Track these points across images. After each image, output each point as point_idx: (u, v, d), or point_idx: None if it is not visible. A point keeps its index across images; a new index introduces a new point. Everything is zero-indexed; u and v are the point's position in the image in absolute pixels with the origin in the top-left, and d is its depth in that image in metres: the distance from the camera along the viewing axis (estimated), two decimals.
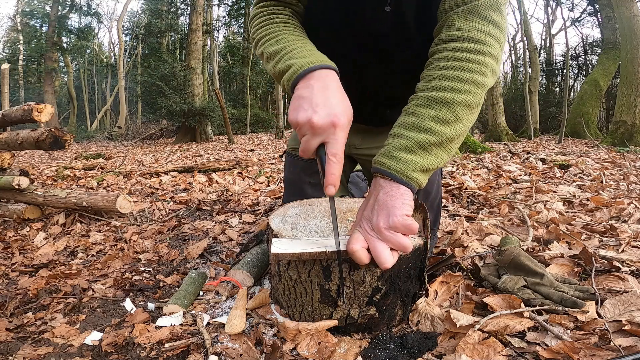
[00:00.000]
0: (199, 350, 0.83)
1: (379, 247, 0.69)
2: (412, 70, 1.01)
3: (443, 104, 0.72)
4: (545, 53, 20.53)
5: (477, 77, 0.74)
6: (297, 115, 0.69)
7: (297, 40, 0.83)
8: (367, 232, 0.71)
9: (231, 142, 10.50)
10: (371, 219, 0.71)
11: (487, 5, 0.76)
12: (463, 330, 0.77)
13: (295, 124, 0.70)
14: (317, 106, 0.68)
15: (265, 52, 0.85)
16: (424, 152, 0.72)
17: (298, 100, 0.71)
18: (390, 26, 0.89)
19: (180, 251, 1.55)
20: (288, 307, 0.88)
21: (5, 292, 1.25)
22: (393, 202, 0.69)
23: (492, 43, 0.76)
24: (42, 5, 21.09)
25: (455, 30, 0.76)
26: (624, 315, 0.79)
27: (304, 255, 0.74)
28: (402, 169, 0.71)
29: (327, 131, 0.68)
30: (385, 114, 1.12)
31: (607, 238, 1.33)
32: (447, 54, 0.75)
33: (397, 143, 0.73)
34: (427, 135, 0.72)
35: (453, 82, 0.73)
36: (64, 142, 2.07)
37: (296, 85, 0.74)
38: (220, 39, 25.72)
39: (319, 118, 0.67)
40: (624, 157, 4.20)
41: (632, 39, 6.69)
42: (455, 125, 0.73)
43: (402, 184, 0.71)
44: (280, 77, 0.80)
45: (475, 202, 2.11)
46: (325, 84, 0.72)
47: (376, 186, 0.74)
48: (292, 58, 0.77)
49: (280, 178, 3.26)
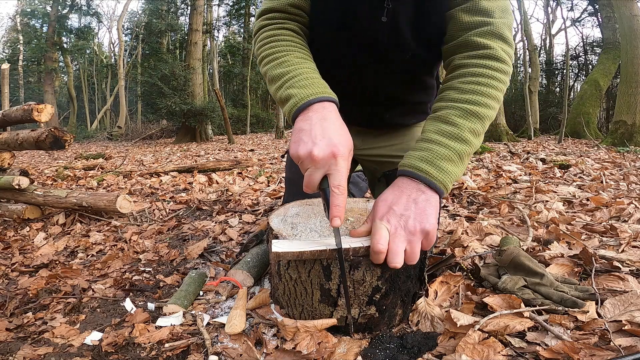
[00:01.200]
0: (199, 350, 0.83)
1: (401, 247, 0.70)
2: (410, 70, 1.03)
3: (477, 117, 0.78)
4: (545, 53, 20.55)
5: (499, 95, 0.81)
6: (298, 148, 0.71)
7: (301, 64, 0.85)
8: (397, 230, 0.71)
9: (231, 142, 10.50)
10: (408, 219, 0.71)
11: (503, 26, 0.84)
12: (463, 330, 0.77)
13: (297, 158, 0.72)
14: (316, 138, 0.70)
15: (268, 74, 0.87)
16: (460, 162, 0.76)
17: (298, 133, 0.73)
18: (386, 34, 0.92)
19: (180, 251, 1.55)
20: (288, 307, 0.88)
21: (5, 292, 1.25)
22: (431, 210, 0.72)
23: (510, 62, 0.84)
24: (42, 5, 21.06)
25: (487, 49, 0.82)
26: (624, 315, 0.79)
27: (305, 254, 0.74)
28: (443, 180, 0.74)
29: (328, 162, 0.69)
30: (384, 116, 1.14)
31: (607, 238, 1.33)
32: (479, 70, 0.81)
33: (440, 152, 0.75)
34: (465, 146, 0.76)
35: (485, 97, 0.79)
36: (64, 142, 2.07)
37: (297, 117, 0.77)
38: (220, 39, 25.74)
39: (319, 150, 0.68)
40: (624, 157, 4.20)
41: (632, 39, 6.69)
42: (481, 137, 0.79)
43: (438, 192, 0.74)
44: (282, 104, 0.82)
45: (475, 202, 2.11)
46: (324, 116, 0.74)
47: (413, 189, 0.75)
48: (293, 87, 0.79)
49: (280, 178, 3.26)
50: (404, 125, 1.21)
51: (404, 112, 1.16)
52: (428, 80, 1.10)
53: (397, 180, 0.78)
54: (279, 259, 0.77)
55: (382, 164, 1.23)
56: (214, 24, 21.77)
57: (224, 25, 25.16)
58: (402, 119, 1.18)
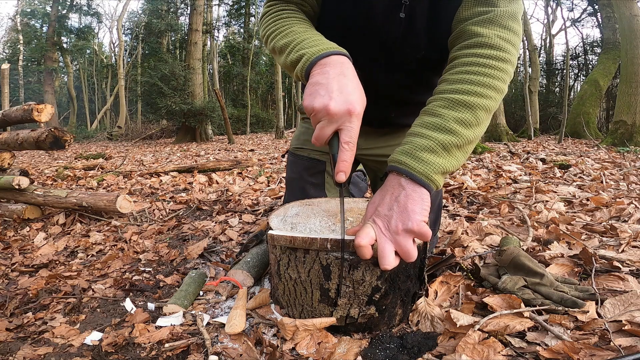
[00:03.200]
0: (199, 350, 0.83)
1: (387, 248, 0.69)
2: (420, 71, 1.03)
3: (466, 106, 0.74)
4: (545, 53, 20.54)
5: (497, 83, 0.76)
6: (314, 101, 0.69)
7: (306, 31, 0.84)
8: (382, 231, 0.70)
9: (231, 142, 10.50)
10: (390, 220, 0.70)
11: (505, 14, 0.80)
12: (463, 330, 0.77)
13: (311, 110, 0.70)
14: (333, 92, 0.68)
15: (276, 46, 0.86)
16: (446, 154, 0.72)
17: (314, 86, 0.71)
18: (401, 32, 0.91)
19: (180, 251, 1.54)
20: (288, 307, 0.88)
21: (5, 292, 1.25)
22: (414, 206, 0.69)
23: (512, 50, 0.79)
24: (42, 5, 21.08)
25: (479, 37, 0.78)
26: (624, 315, 0.79)
27: (297, 240, 0.75)
28: (424, 171, 0.71)
29: (342, 118, 0.68)
30: (390, 116, 1.13)
31: (607, 238, 1.33)
32: (470, 59, 0.77)
33: (419, 143, 0.73)
34: (450, 137, 0.72)
35: (476, 86, 0.74)
36: (64, 142, 2.07)
37: (310, 72, 0.74)
38: (220, 39, 25.76)
39: (336, 104, 0.67)
40: (624, 157, 4.20)
41: (632, 39, 6.68)
42: (475, 129, 0.74)
43: (423, 185, 0.71)
44: (293, 67, 0.80)
45: (475, 202, 2.11)
46: (342, 71, 0.72)
47: (395, 185, 0.73)
48: (303, 48, 0.78)
49: (280, 178, 3.26)
50: (408, 126, 1.21)
51: (410, 112, 1.16)
52: (437, 81, 1.10)
53: (387, 177, 0.77)
54: (274, 242, 0.79)
55: (384, 163, 1.22)
56: (214, 24, 21.79)
57: (224, 25, 25.21)
58: (407, 119, 1.18)
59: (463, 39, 0.82)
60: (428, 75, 1.06)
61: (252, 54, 20.49)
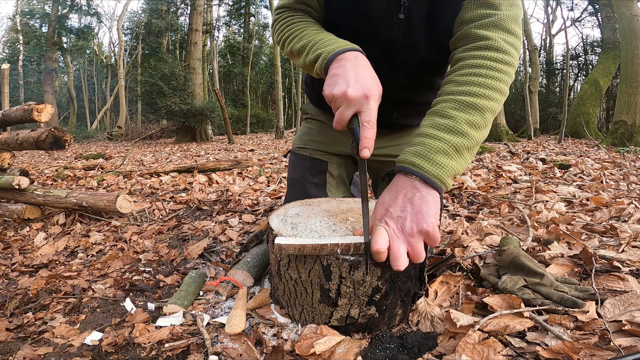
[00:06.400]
0: (199, 350, 0.83)
1: (401, 249, 0.70)
2: (421, 71, 1.04)
3: (476, 109, 0.76)
4: (545, 53, 20.54)
5: (502, 86, 0.79)
6: (333, 89, 0.74)
7: (319, 33, 0.90)
8: (395, 233, 0.71)
9: (231, 142, 10.50)
10: (404, 222, 0.71)
11: (508, 18, 0.82)
12: (463, 330, 0.77)
13: (331, 97, 0.74)
14: (349, 80, 0.73)
15: (293, 49, 0.92)
16: (458, 156, 0.74)
17: (333, 77, 0.76)
18: (401, 33, 0.93)
19: (180, 251, 1.55)
20: (288, 307, 0.88)
21: (5, 292, 1.25)
22: (428, 209, 0.71)
23: (515, 54, 0.81)
24: (42, 5, 21.07)
25: (485, 40, 0.81)
26: (624, 315, 0.79)
27: (306, 247, 0.74)
28: (438, 174, 0.72)
29: (360, 102, 0.71)
30: (392, 116, 1.14)
31: (607, 238, 1.33)
32: (477, 61, 0.79)
33: (433, 145, 0.74)
34: (462, 139, 0.74)
35: (484, 88, 0.77)
36: (64, 142, 2.07)
37: (329, 67, 0.79)
38: (220, 39, 25.72)
39: (353, 90, 0.71)
40: (624, 157, 4.20)
41: (632, 39, 6.68)
42: (482, 130, 0.77)
43: (436, 188, 0.73)
44: (312, 66, 0.85)
45: (475, 202, 2.11)
46: (357, 63, 0.77)
47: (408, 187, 0.74)
48: (320, 48, 0.84)
49: (280, 178, 3.26)
50: (410, 126, 1.22)
51: (412, 112, 1.16)
52: (438, 81, 1.10)
53: (395, 178, 0.78)
54: (281, 251, 0.77)
55: (386, 163, 1.23)
56: (214, 24, 21.77)
57: (224, 25, 25.17)
58: (409, 119, 1.18)
59: (467, 40, 0.84)
60: (429, 76, 1.07)
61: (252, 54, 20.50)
